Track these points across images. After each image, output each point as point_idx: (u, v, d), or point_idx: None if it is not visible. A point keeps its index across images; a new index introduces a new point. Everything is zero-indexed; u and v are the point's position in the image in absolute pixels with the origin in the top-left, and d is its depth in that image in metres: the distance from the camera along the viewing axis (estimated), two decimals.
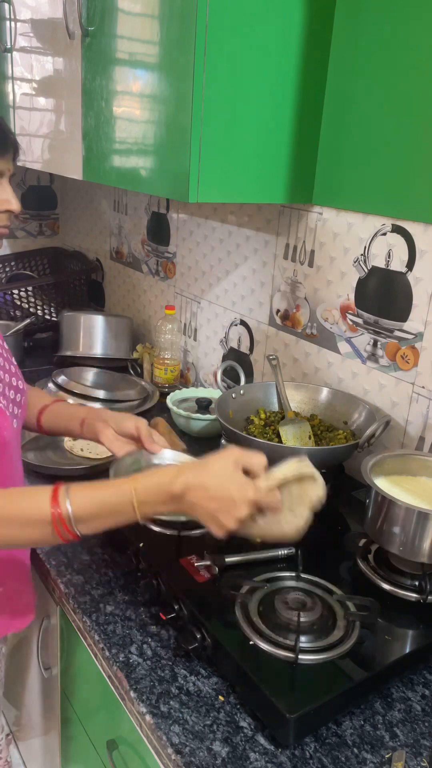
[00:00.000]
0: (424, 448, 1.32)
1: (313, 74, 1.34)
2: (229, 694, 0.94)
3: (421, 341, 1.29)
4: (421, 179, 1.23)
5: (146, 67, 1.33)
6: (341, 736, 0.88)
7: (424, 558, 1.04)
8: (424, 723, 0.91)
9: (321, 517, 1.27)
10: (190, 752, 0.84)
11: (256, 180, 1.34)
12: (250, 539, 0.96)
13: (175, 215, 2.02)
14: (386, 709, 0.92)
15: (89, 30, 1.48)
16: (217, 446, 1.63)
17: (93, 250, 2.60)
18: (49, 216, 2.76)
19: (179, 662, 0.99)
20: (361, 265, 1.40)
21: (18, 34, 1.83)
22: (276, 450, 1.28)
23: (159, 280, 2.17)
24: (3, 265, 2.53)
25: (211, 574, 1.07)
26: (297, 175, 1.40)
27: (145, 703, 0.91)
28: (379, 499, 1.07)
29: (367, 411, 1.37)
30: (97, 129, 1.53)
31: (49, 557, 1.21)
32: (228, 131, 1.26)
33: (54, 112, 1.72)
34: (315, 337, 1.56)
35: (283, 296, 1.63)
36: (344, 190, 1.39)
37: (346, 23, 1.31)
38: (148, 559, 1.10)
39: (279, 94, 1.30)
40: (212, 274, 1.89)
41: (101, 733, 1.15)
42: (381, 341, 1.38)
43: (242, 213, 1.73)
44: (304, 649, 0.90)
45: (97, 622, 1.06)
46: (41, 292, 2.44)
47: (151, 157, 1.36)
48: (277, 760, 0.84)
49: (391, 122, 1.27)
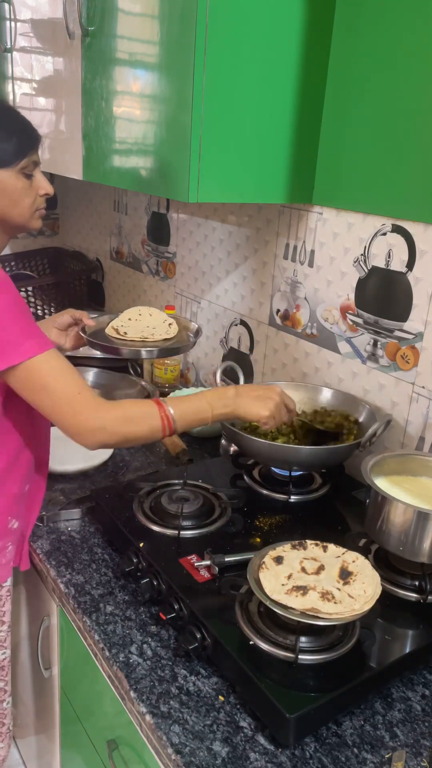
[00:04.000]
0: (424, 448, 1.32)
1: (313, 74, 1.34)
2: (229, 694, 0.94)
3: (421, 341, 1.29)
4: (421, 179, 1.23)
5: (146, 67, 1.33)
6: (341, 736, 0.88)
7: (424, 558, 1.04)
8: (424, 723, 0.91)
9: (321, 517, 1.28)
10: (190, 752, 0.84)
11: (256, 180, 1.34)
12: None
13: (175, 215, 2.02)
14: (386, 709, 0.92)
15: (89, 30, 1.48)
16: (217, 446, 1.63)
17: (93, 250, 2.60)
18: (49, 216, 2.76)
19: (179, 662, 0.99)
20: (361, 265, 1.40)
21: (18, 34, 1.83)
22: (276, 450, 1.28)
23: (159, 280, 2.17)
24: (3, 265, 2.53)
25: (211, 574, 1.07)
26: (297, 175, 1.40)
27: (145, 703, 0.91)
28: (379, 499, 1.07)
29: (367, 411, 1.37)
30: (97, 129, 1.53)
31: (49, 557, 1.21)
32: (228, 131, 1.26)
33: (54, 112, 1.72)
34: (315, 337, 1.56)
35: (283, 296, 1.63)
36: (344, 190, 1.39)
37: (346, 23, 1.31)
38: (148, 559, 1.10)
39: (279, 94, 1.30)
40: (212, 274, 1.89)
41: (101, 733, 1.15)
42: (381, 341, 1.38)
43: (242, 213, 1.73)
44: (304, 648, 0.90)
45: (97, 622, 1.06)
46: (41, 292, 2.44)
47: (151, 156, 1.36)
48: (277, 760, 0.84)
49: (391, 122, 1.27)
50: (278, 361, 1.68)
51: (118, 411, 1.08)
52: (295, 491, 1.33)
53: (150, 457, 1.59)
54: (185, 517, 1.19)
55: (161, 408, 1.10)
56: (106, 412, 1.06)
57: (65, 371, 1.05)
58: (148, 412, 1.10)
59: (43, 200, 1.17)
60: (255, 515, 1.25)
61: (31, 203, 1.14)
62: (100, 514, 1.28)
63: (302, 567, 0.96)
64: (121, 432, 1.08)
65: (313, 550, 1.01)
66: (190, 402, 1.14)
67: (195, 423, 1.14)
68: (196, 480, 1.33)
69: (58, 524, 1.31)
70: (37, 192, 1.15)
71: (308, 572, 0.95)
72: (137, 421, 1.09)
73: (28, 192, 1.13)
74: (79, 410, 1.04)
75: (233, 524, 1.22)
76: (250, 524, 1.23)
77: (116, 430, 1.07)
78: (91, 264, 2.59)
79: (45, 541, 1.25)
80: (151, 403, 1.11)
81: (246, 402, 1.16)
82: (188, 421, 1.13)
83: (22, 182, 1.11)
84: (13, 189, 1.10)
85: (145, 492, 1.28)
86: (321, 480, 1.39)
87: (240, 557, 1.08)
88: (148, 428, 1.10)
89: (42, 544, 1.24)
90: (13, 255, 2.58)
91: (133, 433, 1.09)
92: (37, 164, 1.14)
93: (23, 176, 1.11)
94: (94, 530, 1.30)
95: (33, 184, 1.13)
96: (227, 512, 1.24)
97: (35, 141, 1.12)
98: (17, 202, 1.11)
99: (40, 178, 1.15)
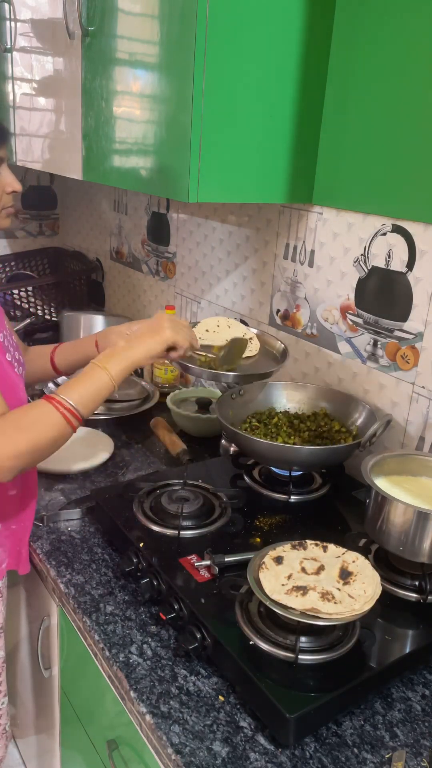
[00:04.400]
0: (424, 448, 1.32)
1: (313, 74, 1.34)
2: (229, 694, 0.94)
3: (421, 341, 1.29)
4: (421, 179, 1.23)
5: (146, 67, 1.33)
6: (341, 736, 0.88)
7: (424, 558, 1.04)
8: (424, 723, 0.91)
9: (321, 517, 1.28)
10: (190, 752, 0.84)
11: (256, 180, 1.34)
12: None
13: (175, 215, 2.02)
14: (386, 709, 0.92)
15: (89, 30, 1.48)
16: (217, 446, 1.63)
17: (93, 250, 2.60)
18: (49, 216, 2.76)
19: (179, 662, 0.99)
20: (361, 265, 1.40)
21: (18, 34, 1.83)
22: (276, 450, 1.28)
23: (159, 280, 2.17)
24: (3, 265, 2.53)
25: (211, 574, 1.07)
26: (297, 175, 1.40)
27: (145, 703, 0.91)
28: (379, 499, 1.07)
29: (367, 411, 1.37)
30: (97, 129, 1.53)
31: (49, 557, 1.21)
32: (228, 131, 1.26)
33: (54, 112, 1.72)
34: (315, 337, 1.56)
35: (283, 296, 1.63)
36: (344, 190, 1.39)
37: (346, 23, 1.31)
38: (148, 559, 1.10)
39: (279, 94, 1.30)
40: (212, 274, 1.89)
41: (101, 733, 1.15)
42: (381, 341, 1.38)
43: (242, 213, 1.73)
44: (304, 648, 0.90)
45: (97, 622, 1.06)
46: (41, 292, 2.44)
47: (151, 157, 1.36)
48: (277, 760, 0.84)
49: (391, 122, 1.27)
50: None
51: (7, 425, 0.97)
52: (295, 491, 1.33)
53: (150, 457, 1.59)
54: (185, 517, 1.19)
55: (53, 401, 1.00)
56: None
57: None
58: (40, 412, 1.00)
59: (10, 198, 1.13)
60: (255, 515, 1.25)
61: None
62: (100, 514, 1.28)
63: (302, 567, 0.96)
64: (20, 447, 0.96)
65: (313, 550, 1.01)
66: (84, 379, 1.04)
67: (100, 397, 1.05)
68: (196, 480, 1.33)
69: (58, 524, 1.31)
70: (3, 189, 1.11)
71: (308, 572, 0.95)
72: (31, 427, 0.98)
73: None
74: None
75: (233, 524, 1.22)
76: (250, 524, 1.23)
77: (14, 448, 0.96)
78: (91, 264, 2.59)
79: (45, 541, 1.25)
80: (41, 401, 1.01)
81: (139, 344, 1.09)
82: (92, 399, 1.04)
83: None
84: None
85: (145, 492, 1.28)
86: (321, 480, 1.39)
87: (240, 557, 1.08)
88: (49, 428, 0.99)
89: (42, 544, 1.24)
90: (13, 255, 2.58)
91: (34, 441, 0.98)
92: (3, 161, 1.10)
93: None
94: (94, 530, 1.30)
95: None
96: (227, 512, 1.24)
97: (2, 137, 1.10)
98: None
99: (6, 174, 1.11)
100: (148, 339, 1.10)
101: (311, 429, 1.39)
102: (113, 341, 1.25)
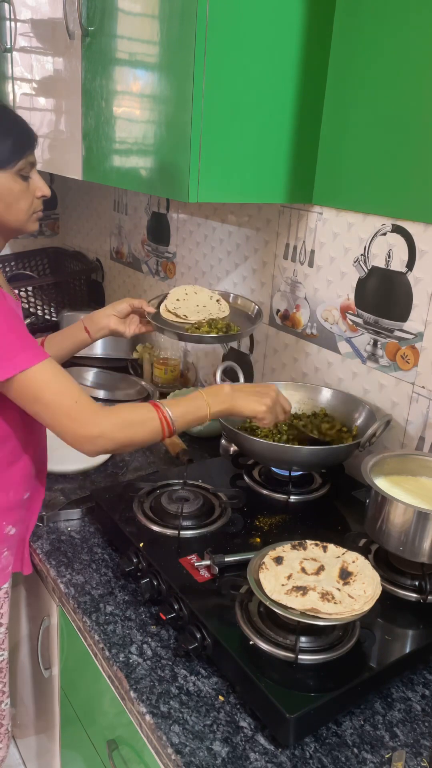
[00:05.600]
0: (424, 448, 1.32)
1: (313, 74, 1.34)
2: (229, 694, 0.94)
3: (421, 341, 1.29)
4: (421, 179, 1.23)
5: (146, 66, 1.33)
6: (341, 736, 0.88)
7: (424, 558, 1.04)
8: (424, 723, 0.91)
9: (321, 517, 1.28)
10: (190, 752, 0.84)
11: (256, 180, 1.34)
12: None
13: (175, 215, 2.02)
14: (386, 709, 0.92)
15: (89, 30, 1.48)
16: (217, 446, 1.63)
17: (93, 250, 2.60)
18: (49, 216, 2.76)
19: (179, 662, 0.99)
20: (361, 265, 1.40)
21: (18, 34, 1.83)
22: (276, 450, 1.28)
23: (159, 280, 2.17)
24: (3, 265, 2.53)
25: (211, 574, 1.07)
26: (297, 175, 1.40)
27: (145, 703, 0.91)
28: (379, 499, 1.07)
29: (367, 411, 1.37)
30: (97, 129, 1.53)
31: (49, 557, 1.21)
32: (228, 131, 1.26)
33: (54, 112, 1.72)
34: (315, 337, 1.56)
35: (283, 296, 1.63)
36: (344, 190, 1.39)
37: (346, 23, 1.31)
38: (148, 559, 1.10)
39: (279, 94, 1.30)
40: (212, 274, 1.89)
41: (101, 733, 1.15)
42: (381, 341, 1.38)
43: (242, 213, 1.73)
44: (304, 648, 0.90)
45: (97, 622, 1.06)
46: (41, 292, 2.44)
47: (151, 157, 1.36)
48: (277, 760, 0.84)
49: (391, 122, 1.27)
50: (278, 361, 1.68)
51: (116, 417, 1.07)
52: (295, 491, 1.33)
53: (150, 457, 1.59)
54: (185, 517, 1.19)
55: (159, 411, 1.09)
56: (104, 419, 1.05)
57: (61, 381, 1.03)
58: (146, 416, 1.08)
59: (40, 202, 1.15)
60: (255, 515, 1.25)
61: (28, 206, 1.12)
62: (100, 514, 1.28)
63: (302, 567, 0.96)
64: (120, 438, 1.07)
65: (313, 550, 1.01)
66: (188, 402, 1.12)
67: (194, 422, 1.13)
68: (196, 480, 1.33)
69: (58, 524, 1.31)
70: (34, 194, 1.12)
71: (308, 572, 0.95)
72: (136, 426, 1.08)
73: (25, 194, 1.10)
74: (77, 419, 1.03)
75: (233, 524, 1.22)
76: (250, 524, 1.23)
77: (115, 436, 1.06)
78: (91, 264, 2.59)
79: (45, 541, 1.26)
80: (149, 406, 1.10)
81: (242, 397, 1.14)
82: (187, 420, 1.11)
83: (18, 184, 1.08)
84: (9, 192, 1.08)
85: (145, 492, 1.28)
86: (321, 480, 1.39)
87: (240, 557, 1.08)
88: (147, 432, 1.09)
89: (42, 544, 1.24)
90: (13, 255, 2.58)
91: (132, 437, 1.08)
92: (33, 165, 1.11)
93: (20, 178, 1.08)
94: (94, 530, 1.30)
95: (30, 186, 1.11)
96: (227, 512, 1.24)
97: (32, 142, 1.10)
98: (13, 204, 1.09)
99: (36, 179, 1.12)
100: (253, 399, 1.15)
101: (311, 429, 1.39)
102: (100, 321, 1.35)
